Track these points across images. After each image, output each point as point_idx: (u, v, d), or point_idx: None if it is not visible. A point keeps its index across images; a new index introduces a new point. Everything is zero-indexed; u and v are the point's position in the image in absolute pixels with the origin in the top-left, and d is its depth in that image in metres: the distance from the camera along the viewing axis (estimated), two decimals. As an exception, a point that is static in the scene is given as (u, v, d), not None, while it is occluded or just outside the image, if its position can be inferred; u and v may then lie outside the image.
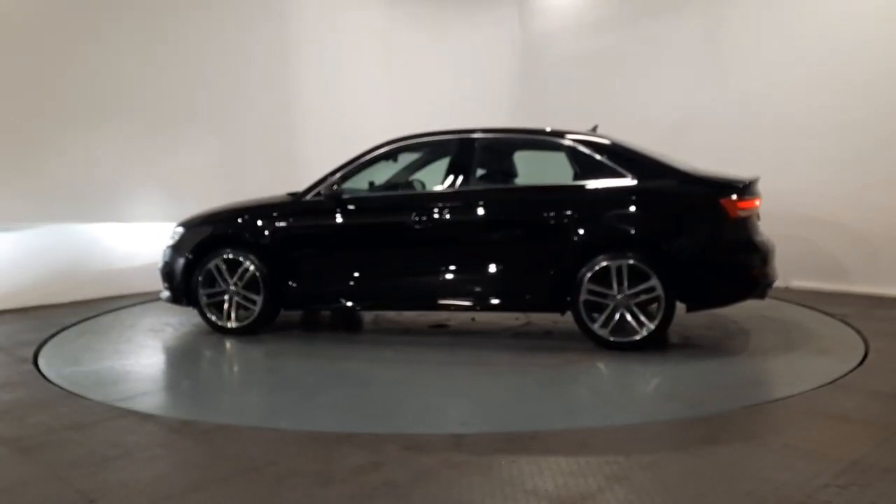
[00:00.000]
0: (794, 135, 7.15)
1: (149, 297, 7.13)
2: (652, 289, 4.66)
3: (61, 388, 4.20)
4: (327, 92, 8.90)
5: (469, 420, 3.65)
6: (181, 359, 5.14)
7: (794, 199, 7.00)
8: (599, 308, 4.78)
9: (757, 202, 4.87)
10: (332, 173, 5.43)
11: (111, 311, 6.55)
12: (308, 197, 5.45)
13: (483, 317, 5.82)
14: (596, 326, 4.79)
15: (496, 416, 3.70)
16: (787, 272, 6.74)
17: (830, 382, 4.03)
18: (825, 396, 3.82)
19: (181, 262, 5.57)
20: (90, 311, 6.49)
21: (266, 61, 8.41)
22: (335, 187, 5.35)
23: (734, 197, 4.67)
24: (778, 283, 5.17)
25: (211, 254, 5.49)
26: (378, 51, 9.31)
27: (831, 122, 6.91)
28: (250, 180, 8.03)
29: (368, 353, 5.12)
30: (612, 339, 4.76)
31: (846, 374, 4.19)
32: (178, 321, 6.12)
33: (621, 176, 4.88)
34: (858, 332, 5.21)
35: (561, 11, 9.34)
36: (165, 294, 5.76)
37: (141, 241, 7.47)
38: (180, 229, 5.74)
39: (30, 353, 5.00)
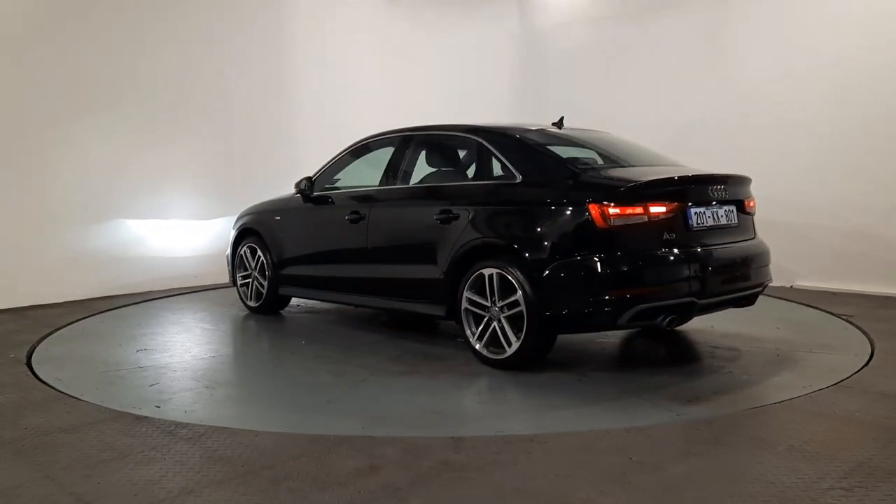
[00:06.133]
0: (798, 133, 7.10)
1: (144, 297, 7.10)
2: (517, 303, 4.21)
3: (55, 389, 4.16)
4: (326, 88, 8.85)
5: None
6: (176, 359, 5.08)
7: (798, 197, 6.97)
8: (482, 320, 4.44)
9: (658, 207, 4.04)
10: (315, 173, 5.80)
11: (105, 311, 6.50)
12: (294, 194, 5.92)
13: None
14: (472, 339, 4.47)
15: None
16: (791, 272, 6.71)
17: (835, 383, 3.99)
18: (830, 398, 3.77)
19: (231, 248, 6.52)
20: (84, 311, 6.44)
21: (263, 57, 8.36)
22: (304, 184, 5.71)
23: (606, 202, 3.97)
24: (782, 283, 5.08)
25: (242, 243, 6.37)
26: (377, 46, 9.27)
27: (836, 121, 6.86)
28: (249, 178, 8.01)
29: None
30: (484, 353, 4.42)
31: (851, 375, 4.14)
32: (175, 320, 6.09)
33: (511, 175, 4.49)
34: (864, 332, 5.16)
35: (561, 7, 9.31)
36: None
37: (135, 240, 7.42)
38: (235, 219, 6.56)
39: (23, 354, 4.95)
